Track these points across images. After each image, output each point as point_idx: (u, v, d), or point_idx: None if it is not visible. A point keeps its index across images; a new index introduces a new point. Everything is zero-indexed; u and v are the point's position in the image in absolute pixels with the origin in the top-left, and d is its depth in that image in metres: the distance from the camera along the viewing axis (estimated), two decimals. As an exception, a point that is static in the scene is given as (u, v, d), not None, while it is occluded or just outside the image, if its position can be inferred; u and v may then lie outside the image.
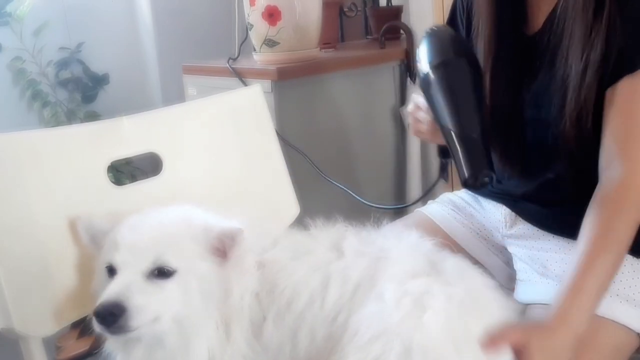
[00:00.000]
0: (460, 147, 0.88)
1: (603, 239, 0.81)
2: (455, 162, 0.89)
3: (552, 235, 0.96)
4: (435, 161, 1.95)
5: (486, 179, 0.87)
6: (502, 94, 0.97)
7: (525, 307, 0.94)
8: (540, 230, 0.98)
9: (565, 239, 0.94)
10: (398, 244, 0.82)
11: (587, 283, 0.79)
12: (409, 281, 0.75)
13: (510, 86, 0.96)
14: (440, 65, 0.91)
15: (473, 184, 0.88)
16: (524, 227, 1.01)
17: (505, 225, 1.04)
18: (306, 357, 0.74)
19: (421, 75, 0.93)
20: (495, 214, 1.06)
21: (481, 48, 0.98)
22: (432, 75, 0.91)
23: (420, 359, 0.68)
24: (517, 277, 1.01)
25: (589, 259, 0.80)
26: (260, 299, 0.78)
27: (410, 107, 1.02)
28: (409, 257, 0.80)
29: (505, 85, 0.97)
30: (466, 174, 0.87)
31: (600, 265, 0.80)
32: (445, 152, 1.02)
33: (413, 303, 0.72)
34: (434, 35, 0.96)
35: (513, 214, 1.02)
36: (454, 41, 0.96)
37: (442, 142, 0.93)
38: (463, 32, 1.06)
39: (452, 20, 1.11)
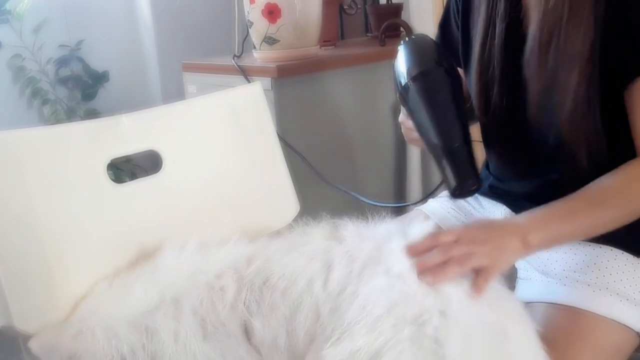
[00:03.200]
0: (443, 158, 0.88)
1: (599, 201, 0.82)
2: (441, 173, 0.90)
3: None
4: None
5: (473, 188, 0.88)
6: (498, 95, 0.97)
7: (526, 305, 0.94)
8: None
9: None
10: (403, 228, 0.82)
11: (561, 221, 0.81)
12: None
13: (507, 87, 0.96)
14: (419, 76, 0.90)
15: (460, 194, 0.89)
16: None
17: None
18: (308, 339, 0.74)
19: (399, 87, 0.93)
20: (495, 213, 1.06)
21: (476, 49, 0.98)
22: (410, 87, 0.91)
23: (430, 339, 0.67)
24: (518, 275, 1.01)
25: (581, 204, 0.82)
26: (240, 310, 0.78)
27: (400, 116, 1.01)
28: (414, 237, 0.80)
29: (502, 86, 0.96)
30: (452, 185, 0.88)
31: (582, 218, 0.81)
32: None
33: (420, 284, 0.72)
34: (411, 45, 0.95)
35: (513, 214, 1.02)
36: (431, 50, 0.95)
37: None
38: (458, 35, 1.06)
39: (445, 22, 1.10)
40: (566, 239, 0.84)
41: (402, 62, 0.94)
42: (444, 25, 1.10)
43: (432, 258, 0.75)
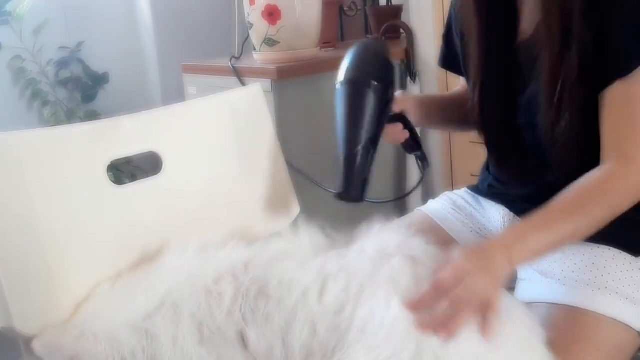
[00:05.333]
0: (338, 161, 0.94)
1: (574, 208, 0.82)
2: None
3: None
4: (435, 161, 1.95)
5: (352, 199, 0.93)
6: (493, 101, 0.98)
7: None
8: None
9: None
10: (399, 244, 0.82)
11: (539, 232, 0.81)
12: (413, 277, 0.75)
13: (502, 93, 0.97)
14: (346, 82, 0.95)
15: (341, 199, 0.93)
16: None
17: (504, 227, 1.04)
18: (306, 352, 0.74)
19: (341, 78, 0.97)
20: (494, 215, 1.06)
21: (473, 57, 0.99)
22: (338, 88, 0.96)
23: (430, 356, 0.67)
24: (519, 276, 1.01)
25: (558, 214, 0.82)
26: (236, 317, 0.78)
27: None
28: (410, 261, 0.79)
29: (497, 93, 0.97)
30: (335, 189, 0.93)
31: (559, 227, 0.81)
32: (409, 148, 1.10)
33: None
34: (359, 50, 0.99)
35: (512, 214, 1.02)
36: (373, 63, 0.98)
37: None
38: (459, 45, 1.06)
39: (447, 33, 1.11)
40: (548, 250, 0.83)
41: (344, 63, 0.98)
42: (447, 36, 1.11)
43: (440, 311, 0.73)
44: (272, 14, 1.61)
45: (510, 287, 1.02)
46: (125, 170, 1.95)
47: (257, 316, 0.77)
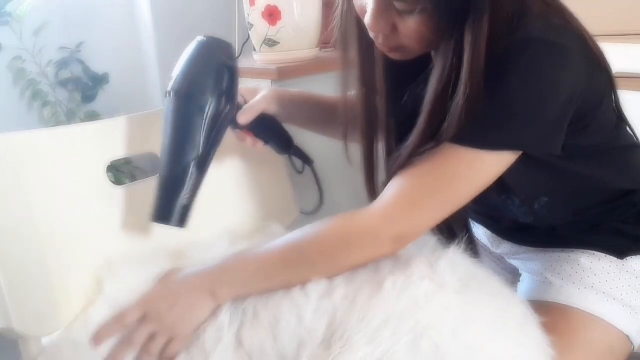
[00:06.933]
0: (160, 182, 0.86)
1: (304, 260, 0.77)
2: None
3: (535, 248, 0.97)
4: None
5: (172, 224, 0.85)
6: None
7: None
8: (523, 246, 0.99)
9: (551, 249, 0.94)
10: None
11: (255, 280, 0.77)
12: (410, 271, 0.75)
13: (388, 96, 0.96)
14: (174, 95, 0.85)
15: (156, 222, 0.86)
16: (508, 245, 1.02)
17: (492, 245, 1.04)
18: (297, 343, 0.73)
19: (168, 87, 0.87)
20: (480, 233, 1.07)
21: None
22: (170, 97, 0.86)
23: (429, 346, 0.67)
24: (522, 277, 1.02)
25: (275, 264, 0.77)
26: (232, 315, 0.78)
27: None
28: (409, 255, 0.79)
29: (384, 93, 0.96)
30: (153, 211, 0.86)
31: (281, 278, 0.77)
32: (278, 150, 1.00)
33: (416, 291, 0.72)
34: (194, 55, 0.87)
35: (494, 235, 1.03)
36: (207, 71, 0.87)
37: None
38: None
39: None
40: (260, 293, 0.78)
41: (181, 62, 0.88)
42: None
43: (118, 353, 0.75)
44: (272, 15, 1.61)
45: (514, 287, 1.03)
46: (125, 171, 1.94)
47: (248, 315, 0.77)
